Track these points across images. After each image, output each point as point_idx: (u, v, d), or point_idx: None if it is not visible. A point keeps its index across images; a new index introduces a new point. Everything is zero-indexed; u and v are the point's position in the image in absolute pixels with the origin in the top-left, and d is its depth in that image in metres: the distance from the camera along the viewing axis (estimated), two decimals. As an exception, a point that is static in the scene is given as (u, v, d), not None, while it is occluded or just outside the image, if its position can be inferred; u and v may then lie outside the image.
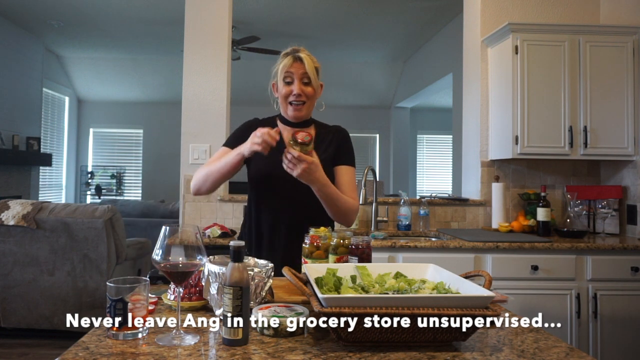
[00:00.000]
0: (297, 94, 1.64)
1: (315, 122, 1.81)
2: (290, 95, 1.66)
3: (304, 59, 1.64)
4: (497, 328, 1.11)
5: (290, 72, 1.64)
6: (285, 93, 1.66)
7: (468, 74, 3.46)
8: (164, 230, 1.03)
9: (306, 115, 1.72)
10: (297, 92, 1.64)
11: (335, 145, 1.74)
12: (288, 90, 1.65)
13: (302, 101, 1.66)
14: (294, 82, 1.65)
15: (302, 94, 1.65)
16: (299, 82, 1.65)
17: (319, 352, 0.93)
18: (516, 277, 2.56)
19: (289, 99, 1.66)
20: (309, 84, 1.66)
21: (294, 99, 1.65)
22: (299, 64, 1.64)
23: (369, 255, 1.37)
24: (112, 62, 7.68)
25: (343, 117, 8.51)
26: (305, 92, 1.66)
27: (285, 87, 1.66)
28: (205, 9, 3.20)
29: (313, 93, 1.68)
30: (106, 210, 3.27)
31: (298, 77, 1.64)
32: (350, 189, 1.71)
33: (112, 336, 0.98)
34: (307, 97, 1.67)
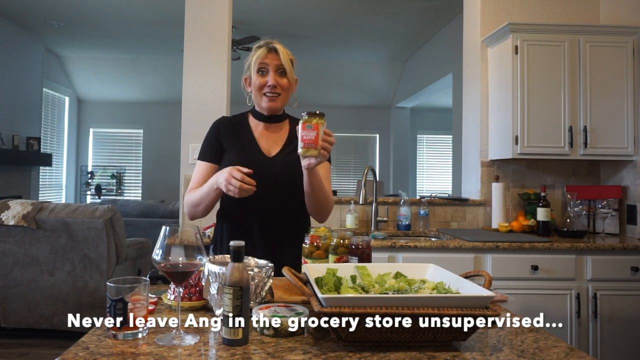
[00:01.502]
0: (272, 85, 1.59)
1: (289, 117, 1.76)
2: (265, 87, 1.60)
3: (279, 50, 1.60)
4: (497, 328, 1.11)
5: (265, 63, 1.60)
6: (260, 84, 1.61)
7: (468, 74, 3.46)
8: (164, 230, 1.03)
9: (281, 107, 1.67)
10: (272, 83, 1.59)
11: None
12: (262, 82, 1.60)
13: (277, 93, 1.61)
14: (268, 73, 1.60)
15: (277, 85, 1.60)
16: (274, 73, 1.60)
17: (319, 352, 0.93)
18: (516, 277, 2.56)
19: (264, 90, 1.61)
20: (284, 76, 1.61)
21: (268, 90, 1.60)
22: (273, 55, 1.60)
23: (369, 255, 1.37)
24: (112, 62, 7.68)
25: (343, 117, 8.54)
26: (281, 84, 1.61)
27: (259, 78, 1.60)
28: (205, 9, 3.20)
29: (288, 85, 1.63)
30: (106, 210, 3.27)
31: (273, 68, 1.59)
32: (326, 181, 1.67)
33: (112, 336, 0.98)
34: (282, 88, 1.62)
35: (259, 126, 1.70)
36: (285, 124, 1.73)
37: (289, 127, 1.72)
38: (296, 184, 1.61)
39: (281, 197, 1.61)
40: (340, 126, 8.56)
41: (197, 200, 1.59)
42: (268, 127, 1.70)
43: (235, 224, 1.65)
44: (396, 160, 8.39)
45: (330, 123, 1.82)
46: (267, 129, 1.69)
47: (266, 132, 1.69)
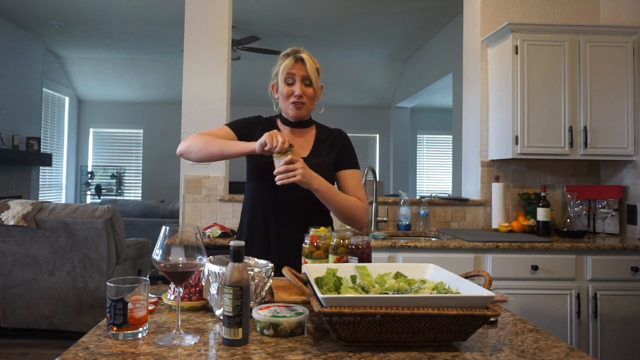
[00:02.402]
0: (298, 95, 1.65)
1: (315, 123, 1.81)
2: (292, 96, 1.66)
3: (306, 60, 1.65)
4: (497, 328, 1.11)
5: (292, 73, 1.65)
6: (287, 93, 1.66)
7: (468, 74, 3.46)
8: (164, 230, 1.03)
9: (306, 115, 1.73)
10: (299, 92, 1.64)
11: (337, 150, 1.74)
12: (289, 91, 1.66)
13: (302, 102, 1.67)
14: (295, 83, 1.65)
15: (303, 94, 1.65)
16: (301, 83, 1.65)
17: (319, 352, 0.93)
18: (516, 277, 2.56)
19: (290, 99, 1.66)
20: (310, 85, 1.67)
21: (295, 100, 1.66)
22: (300, 65, 1.65)
23: (369, 255, 1.37)
24: (112, 62, 7.68)
25: (343, 117, 8.53)
26: (306, 93, 1.66)
27: (286, 88, 1.66)
28: (205, 9, 3.20)
29: (314, 94, 1.69)
30: (106, 210, 3.27)
31: (299, 78, 1.65)
32: (359, 190, 1.72)
33: (112, 336, 0.98)
34: (308, 98, 1.67)
35: (286, 130, 1.75)
36: (312, 129, 1.78)
37: (315, 132, 1.77)
38: None
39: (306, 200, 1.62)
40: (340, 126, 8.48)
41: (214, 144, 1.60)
42: (294, 132, 1.75)
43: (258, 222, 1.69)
44: (396, 160, 8.39)
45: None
46: (293, 134, 1.75)
47: (293, 136, 1.74)
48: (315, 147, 1.73)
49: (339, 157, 1.73)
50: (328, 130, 1.81)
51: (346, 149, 1.77)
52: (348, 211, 1.65)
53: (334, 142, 1.76)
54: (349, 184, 1.72)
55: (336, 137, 1.78)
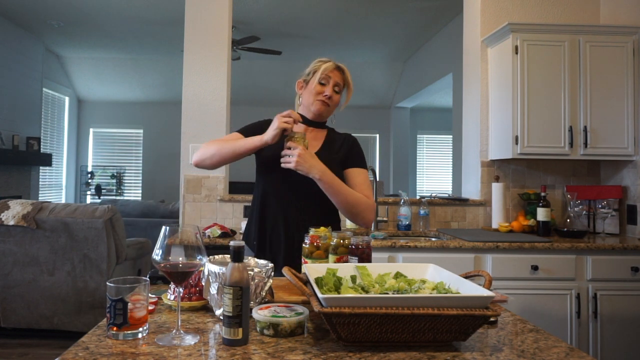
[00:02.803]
0: (328, 95, 1.73)
1: (328, 128, 1.89)
2: (322, 95, 1.74)
3: (345, 71, 1.80)
4: (497, 328, 1.11)
5: (329, 76, 1.75)
6: (318, 91, 1.74)
7: (468, 74, 3.46)
8: (164, 230, 1.03)
9: (326, 115, 1.80)
10: (329, 93, 1.74)
11: (346, 149, 1.79)
12: (321, 90, 1.74)
13: (328, 103, 1.75)
14: (328, 85, 1.75)
15: (332, 97, 1.75)
16: (332, 87, 1.75)
17: (319, 352, 0.93)
18: (516, 277, 2.56)
19: (319, 97, 1.74)
20: (338, 93, 1.78)
21: (324, 98, 1.74)
22: (338, 73, 1.77)
23: (369, 255, 1.37)
24: (112, 62, 7.68)
25: (343, 117, 8.47)
26: (333, 98, 1.77)
27: (319, 86, 1.74)
28: (205, 9, 3.20)
29: (338, 102, 1.80)
30: (106, 210, 3.27)
31: (333, 82, 1.75)
32: (365, 187, 1.75)
33: (112, 336, 0.98)
34: (333, 102, 1.78)
35: (300, 127, 1.79)
36: (324, 131, 1.85)
37: (327, 133, 1.85)
38: None
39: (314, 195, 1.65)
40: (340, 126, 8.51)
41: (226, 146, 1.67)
42: (308, 129, 1.80)
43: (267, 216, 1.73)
44: (396, 160, 8.39)
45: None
46: (307, 131, 1.79)
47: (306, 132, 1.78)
48: (325, 145, 1.79)
49: (347, 156, 1.78)
50: (338, 134, 1.88)
51: (355, 150, 1.82)
52: (353, 205, 1.66)
53: (344, 143, 1.82)
54: (355, 181, 1.74)
55: (346, 139, 1.84)
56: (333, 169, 1.66)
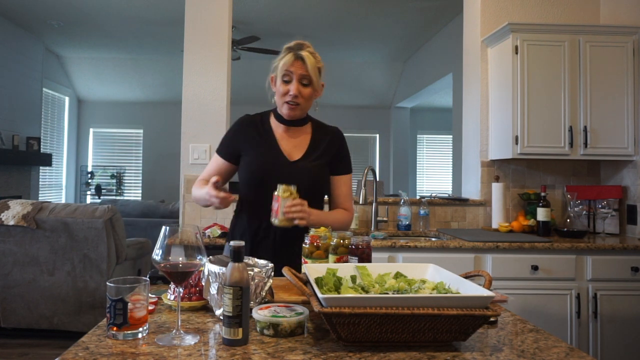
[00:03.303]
0: (293, 95, 1.58)
1: (312, 120, 1.76)
2: (287, 95, 1.59)
3: (306, 58, 1.57)
4: (497, 328, 1.11)
5: (290, 72, 1.58)
6: (283, 92, 1.60)
7: (468, 74, 3.46)
8: (164, 230, 1.03)
9: (300, 115, 1.67)
10: (294, 92, 1.58)
11: (333, 152, 1.70)
12: (285, 90, 1.59)
13: (297, 102, 1.60)
14: (292, 82, 1.58)
15: (298, 95, 1.59)
16: (297, 82, 1.58)
17: (319, 352, 0.93)
18: (516, 277, 2.56)
19: (285, 98, 1.60)
20: (308, 85, 1.60)
21: (289, 99, 1.59)
22: (300, 63, 1.57)
23: (369, 255, 1.37)
24: (112, 62, 7.68)
25: (343, 117, 8.53)
26: (303, 94, 1.60)
27: (282, 86, 1.60)
28: (205, 9, 3.20)
29: (311, 94, 1.62)
30: (106, 210, 3.27)
31: (297, 77, 1.58)
32: (348, 199, 1.72)
33: (112, 336, 0.98)
34: (304, 98, 1.61)
35: (280, 128, 1.69)
36: (308, 127, 1.73)
37: (311, 131, 1.72)
38: (318, 191, 1.65)
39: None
40: (340, 126, 8.48)
41: (197, 198, 1.67)
42: (289, 129, 1.69)
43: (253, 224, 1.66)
44: (396, 160, 8.39)
45: (331, 123, 1.83)
46: (288, 132, 1.69)
47: (287, 134, 1.69)
48: (310, 148, 1.68)
49: (334, 160, 1.70)
50: (324, 128, 1.75)
51: (342, 152, 1.73)
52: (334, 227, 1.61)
53: (330, 143, 1.71)
54: (340, 192, 1.71)
55: (332, 138, 1.73)
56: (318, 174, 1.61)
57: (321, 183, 1.66)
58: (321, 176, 1.64)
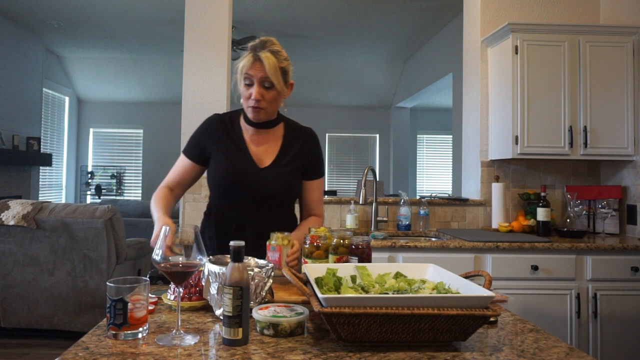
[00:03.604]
0: (255, 99, 1.48)
1: (284, 120, 1.67)
2: (250, 100, 1.50)
3: (265, 60, 1.44)
4: (497, 328, 1.11)
5: (250, 75, 1.47)
6: (245, 96, 1.51)
7: (468, 74, 3.46)
8: (164, 230, 1.03)
9: (267, 117, 1.57)
10: (256, 97, 1.48)
11: (306, 156, 1.64)
12: (247, 94, 1.50)
13: (261, 107, 1.50)
14: (253, 86, 1.48)
15: (261, 99, 1.49)
16: (259, 86, 1.48)
17: (319, 352, 0.93)
18: (516, 277, 2.56)
19: (248, 102, 1.51)
20: (270, 88, 1.49)
21: (252, 104, 1.50)
22: (259, 65, 1.46)
23: (369, 255, 1.37)
24: (112, 62, 7.68)
25: (343, 117, 8.54)
26: (266, 97, 1.49)
27: (244, 89, 1.50)
28: (205, 9, 3.20)
29: (276, 96, 1.51)
30: (106, 210, 3.27)
31: (258, 80, 1.47)
32: (319, 204, 1.70)
33: (112, 336, 0.98)
34: (267, 101, 1.50)
35: (250, 130, 1.61)
36: (279, 128, 1.64)
37: (283, 133, 1.64)
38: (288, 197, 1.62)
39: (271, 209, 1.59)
40: (340, 126, 8.56)
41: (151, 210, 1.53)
42: (259, 132, 1.61)
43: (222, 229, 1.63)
44: (396, 160, 8.39)
45: (331, 123, 1.83)
46: (258, 134, 1.61)
47: (257, 137, 1.61)
48: (281, 153, 1.61)
49: (307, 164, 1.63)
50: (297, 130, 1.67)
51: (315, 156, 1.66)
52: None
53: (303, 147, 1.63)
54: (311, 197, 1.67)
55: (305, 141, 1.65)
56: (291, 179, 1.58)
57: (292, 189, 1.61)
58: (292, 182, 1.59)
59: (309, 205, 1.69)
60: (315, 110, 8.31)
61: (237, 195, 1.56)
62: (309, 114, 8.39)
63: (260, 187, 1.55)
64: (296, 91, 1.71)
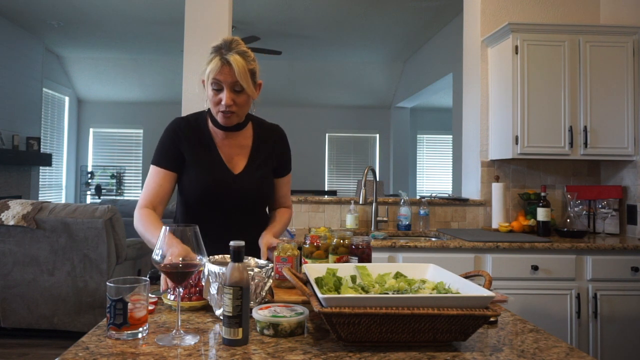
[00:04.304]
0: (226, 105, 1.43)
1: (252, 120, 1.63)
2: (220, 105, 1.44)
3: (234, 63, 1.39)
4: (497, 328, 1.11)
5: (218, 80, 1.41)
6: (215, 101, 1.45)
7: (468, 74, 3.46)
8: (164, 230, 1.03)
9: (238, 120, 1.53)
10: (227, 102, 1.42)
11: (276, 155, 1.64)
12: (217, 99, 1.44)
13: (232, 111, 1.46)
14: (223, 91, 1.43)
15: (232, 104, 1.44)
16: (230, 91, 1.43)
17: (319, 352, 0.93)
18: (516, 277, 2.56)
19: (219, 107, 1.45)
20: (240, 92, 1.44)
21: (223, 109, 1.44)
22: (227, 70, 1.40)
23: (369, 255, 1.37)
24: (112, 62, 7.68)
25: (343, 117, 8.54)
26: (237, 102, 1.45)
27: (214, 94, 1.44)
28: (205, 9, 3.20)
29: (246, 99, 1.47)
30: (106, 210, 3.27)
31: (228, 85, 1.42)
32: (288, 197, 1.75)
33: (112, 336, 0.98)
34: (239, 106, 1.46)
35: (219, 134, 1.56)
36: (248, 129, 1.60)
37: (252, 132, 1.61)
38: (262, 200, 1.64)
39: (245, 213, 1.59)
40: (340, 126, 8.55)
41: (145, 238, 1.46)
42: (229, 135, 1.57)
43: None
44: (396, 160, 8.39)
45: (331, 123, 1.85)
46: (228, 138, 1.57)
47: (227, 140, 1.57)
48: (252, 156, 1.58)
49: (278, 164, 1.65)
50: (266, 128, 1.64)
51: (285, 155, 1.67)
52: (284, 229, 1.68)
53: (274, 148, 1.63)
54: (282, 192, 1.72)
55: (276, 142, 1.64)
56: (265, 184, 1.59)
57: (267, 193, 1.63)
58: (267, 186, 1.61)
59: (279, 200, 1.73)
60: (315, 110, 8.31)
61: (213, 202, 1.53)
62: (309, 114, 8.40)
63: (236, 193, 1.54)
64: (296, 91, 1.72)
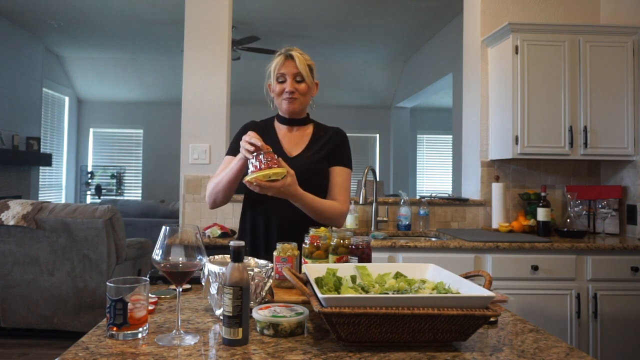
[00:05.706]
0: (289, 91, 1.67)
1: (314, 122, 1.83)
2: (284, 93, 1.68)
3: (296, 57, 1.67)
4: (497, 328, 1.11)
5: (283, 73, 1.68)
6: (279, 91, 1.69)
7: (468, 74, 3.46)
8: (164, 230, 1.03)
9: (300, 109, 1.73)
10: (290, 89, 1.67)
11: (332, 146, 1.76)
12: (281, 88, 1.69)
13: (295, 97, 1.68)
14: (286, 81, 1.68)
15: (295, 90, 1.67)
16: (292, 80, 1.68)
17: (319, 352, 0.93)
18: (516, 277, 2.56)
19: (283, 95, 1.69)
20: (302, 82, 1.69)
21: (287, 96, 1.68)
22: (291, 63, 1.67)
23: (369, 255, 1.37)
24: (112, 62, 7.68)
25: (343, 117, 8.52)
26: (299, 89, 1.68)
27: (278, 86, 1.69)
28: (205, 9, 3.20)
29: (307, 89, 1.71)
30: (106, 210, 3.27)
31: (291, 75, 1.67)
32: (342, 190, 1.72)
33: (112, 336, 0.98)
34: (301, 93, 1.69)
35: (283, 128, 1.77)
36: (309, 127, 1.80)
37: (313, 131, 1.79)
38: (316, 183, 1.68)
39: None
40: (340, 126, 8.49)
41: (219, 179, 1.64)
42: (291, 129, 1.77)
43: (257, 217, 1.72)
44: (396, 160, 8.39)
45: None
46: (290, 131, 1.77)
47: (289, 134, 1.77)
48: (310, 145, 1.75)
49: (332, 153, 1.74)
50: (326, 128, 1.82)
51: (341, 146, 1.78)
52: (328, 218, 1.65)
53: (330, 139, 1.77)
54: (335, 181, 1.72)
55: (333, 134, 1.79)
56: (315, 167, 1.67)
57: (318, 175, 1.70)
58: (319, 169, 1.69)
59: (332, 189, 1.72)
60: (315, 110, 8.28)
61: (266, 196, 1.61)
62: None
63: None
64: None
